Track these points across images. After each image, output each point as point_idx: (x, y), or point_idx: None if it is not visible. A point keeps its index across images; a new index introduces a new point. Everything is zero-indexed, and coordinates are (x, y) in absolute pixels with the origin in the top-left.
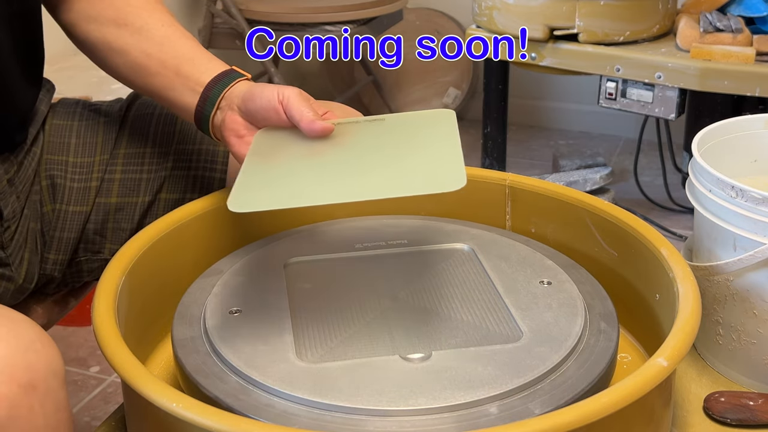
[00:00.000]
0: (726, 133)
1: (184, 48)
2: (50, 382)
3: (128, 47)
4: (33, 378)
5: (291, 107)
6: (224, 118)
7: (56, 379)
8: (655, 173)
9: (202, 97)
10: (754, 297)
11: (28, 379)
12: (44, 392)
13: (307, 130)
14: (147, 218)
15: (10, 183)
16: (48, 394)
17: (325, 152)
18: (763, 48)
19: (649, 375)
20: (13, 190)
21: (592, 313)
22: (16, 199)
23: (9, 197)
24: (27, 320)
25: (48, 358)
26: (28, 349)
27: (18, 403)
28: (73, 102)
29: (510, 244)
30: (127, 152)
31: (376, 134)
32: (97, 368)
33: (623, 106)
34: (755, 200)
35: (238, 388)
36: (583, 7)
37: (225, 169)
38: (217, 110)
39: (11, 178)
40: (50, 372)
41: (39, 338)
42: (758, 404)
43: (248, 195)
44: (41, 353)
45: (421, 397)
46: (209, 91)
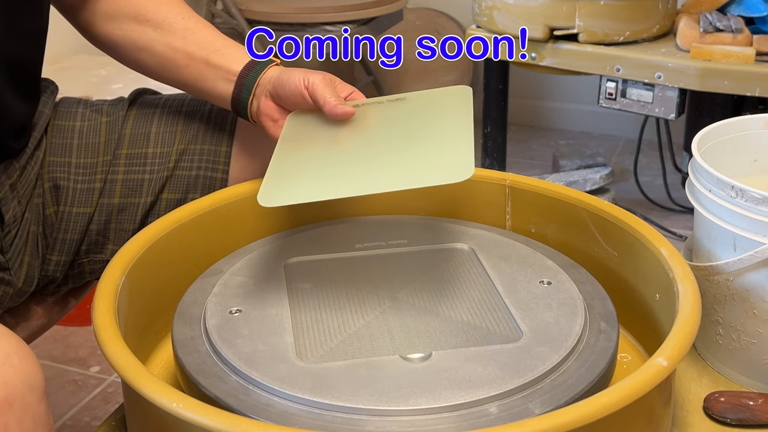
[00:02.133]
0: (726, 133)
1: (209, 38)
2: (27, 398)
3: (153, 43)
4: (9, 394)
5: (316, 93)
6: (259, 105)
7: (34, 394)
8: (655, 173)
9: (237, 85)
10: (754, 297)
11: (3, 395)
12: (21, 408)
13: (330, 114)
14: (149, 218)
15: (12, 188)
16: (25, 410)
17: (347, 140)
18: (763, 48)
19: (649, 375)
20: (15, 195)
21: (592, 313)
22: (18, 204)
23: (10, 202)
24: (4, 332)
25: (25, 373)
26: (4, 363)
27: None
28: (74, 102)
29: (510, 244)
30: (130, 152)
31: (395, 117)
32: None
33: (623, 106)
34: (755, 200)
35: (238, 388)
36: (583, 7)
37: (227, 169)
38: (254, 97)
39: (13, 183)
40: (27, 387)
41: (16, 351)
42: (758, 404)
43: (276, 190)
44: (17, 367)
45: (421, 397)
46: (243, 79)
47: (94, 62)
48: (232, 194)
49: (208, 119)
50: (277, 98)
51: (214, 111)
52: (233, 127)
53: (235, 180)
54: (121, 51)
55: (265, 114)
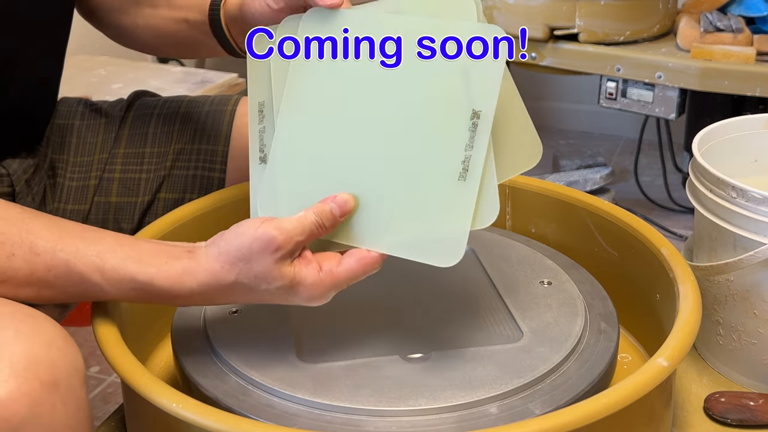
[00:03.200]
0: (726, 133)
1: None
2: (72, 381)
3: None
4: (56, 376)
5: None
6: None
7: (78, 378)
8: (655, 173)
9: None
10: (754, 297)
11: (50, 376)
12: (66, 390)
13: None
14: (147, 218)
15: (27, 184)
16: (70, 392)
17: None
18: (764, 48)
19: (649, 375)
20: (30, 191)
21: (592, 313)
22: (32, 200)
23: (26, 198)
24: (48, 318)
25: (70, 356)
26: (51, 346)
27: (40, 401)
28: (74, 101)
29: (510, 244)
30: (127, 152)
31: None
32: (97, 368)
33: (623, 106)
34: (755, 200)
35: (238, 388)
36: (583, 7)
37: (224, 168)
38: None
39: (29, 179)
40: (73, 370)
41: (61, 336)
42: (758, 404)
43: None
44: (63, 351)
45: (421, 397)
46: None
47: (94, 62)
48: (232, 194)
49: (206, 119)
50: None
51: (211, 111)
52: (230, 127)
53: (232, 180)
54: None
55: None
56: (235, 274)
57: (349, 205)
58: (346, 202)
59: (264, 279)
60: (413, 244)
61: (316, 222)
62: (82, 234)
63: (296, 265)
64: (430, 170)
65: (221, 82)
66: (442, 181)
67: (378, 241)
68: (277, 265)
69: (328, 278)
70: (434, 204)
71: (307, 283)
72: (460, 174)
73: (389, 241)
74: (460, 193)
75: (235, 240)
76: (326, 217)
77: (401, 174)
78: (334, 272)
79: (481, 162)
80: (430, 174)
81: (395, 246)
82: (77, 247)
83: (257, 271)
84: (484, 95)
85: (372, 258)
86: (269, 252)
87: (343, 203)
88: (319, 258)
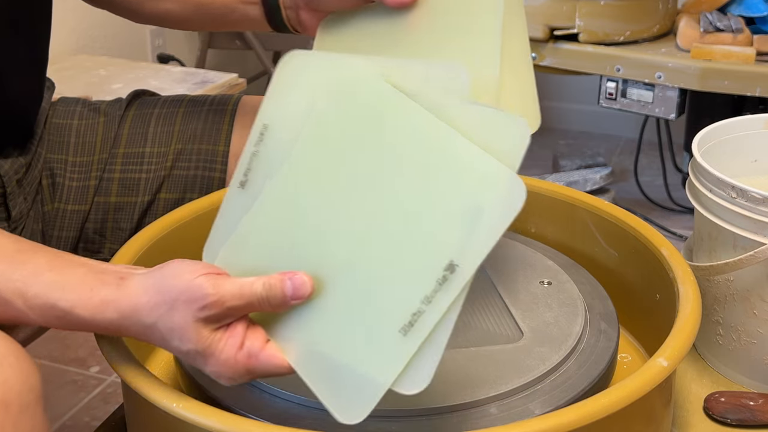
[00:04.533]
0: (726, 133)
1: None
2: (25, 399)
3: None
4: (6, 395)
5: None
6: (300, 20)
7: (32, 395)
8: (655, 173)
9: (264, 6)
10: (754, 297)
11: (0, 395)
12: (18, 410)
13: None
14: (146, 218)
15: (19, 184)
16: (23, 411)
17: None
18: (764, 48)
19: (649, 375)
20: (21, 191)
21: (592, 313)
22: (24, 200)
23: (17, 198)
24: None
25: (24, 373)
26: (2, 363)
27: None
28: (73, 101)
29: (510, 244)
30: (126, 152)
31: None
32: (97, 368)
33: (623, 106)
34: (755, 200)
35: (238, 388)
36: (584, 7)
37: (224, 168)
38: (286, 10)
39: (20, 179)
40: (26, 388)
41: (12, 352)
42: (758, 404)
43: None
44: (16, 368)
45: (421, 397)
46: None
47: (94, 62)
48: None
49: (206, 119)
50: (316, 6)
51: (212, 111)
52: (231, 127)
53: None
54: (145, 8)
55: (310, 27)
56: (154, 318)
57: (304, 290)
58: (303, 286)
59: (178, 335)
60: (321, 375)
61: (260, 296)
62: (13, 255)
63: (218, 333)
64: (380, 305)
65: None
66: (382, 325)
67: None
68: (196, 325)
69: (243, 361)
70: (364, 348)
71: (220, 358)
72: (404, 327)
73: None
74: (392, 348)
75: (169, 279)
76: (275, 294)
77: (347, 293)
78: (252, 357)
79: (432, 324)
80: (375, 309)
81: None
82: (2, 270)
83: (175, 323)
84: (470, 251)
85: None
86: (195, 308)
87: (300, 286)
88: (249, 334)
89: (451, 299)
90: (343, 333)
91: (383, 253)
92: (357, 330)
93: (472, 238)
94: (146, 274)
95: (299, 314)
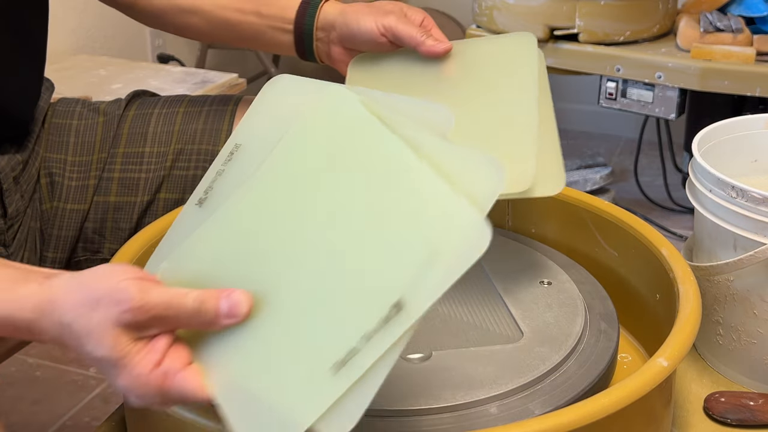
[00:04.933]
0: (726, 133)
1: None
2: None
3: (199, 3)
4: None
5: (400, 35)
6: (330, 53)
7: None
8: (655, 173)
9: (296, 34)
10: (754, 297)
11: None
12: None
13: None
14: (146, 218)
15: (15, 181)
16: None
17: None
18: (764, 48)
19: (649, 375)
20: (18, 188)
21: (592, 313)
22: (20, 197)
23: (14, 195)
24: None
25: None
26: None
27: None
28: (72, 101)
29: (510, 244)
30: (126, 151)
31: None
32: None
33: (623, 106)
34: (755, 200)
35: None
36: (584, 7)
37: None
38: (317, 42)
39: (17, 176)
40: None
41: None
42: (758, 404)
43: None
44: None
45: (421, 397)
46: (301, 26)
47: (94, 62)
48: None
49: (206, 119)
50: (349, 45)
51: (211, 111)
52: (231, 127)
53: None
54: (167, 18)
55: (340, 61)
56: (73, 316)
57: (239, 309)
58: (239, 305)
59: (94, 339)
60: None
61: (190, 310)
62: None
63: (137, 344)
64: (315, 337)
65: (221, 82)
66: (314, 359)
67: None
68: (114, 331)
69: (156, 381)
70: (292, 381)
71: (132, 372)
72: (336, 364)
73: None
74: (320, 386)
75: (96, 280)
76: (207, 310)
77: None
78: (168, 378)
79: (367, 365)
80: (312, 341)
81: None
82: None
83: (93, 325)
84: (421, 291)
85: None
86: (116, 311)
87: (236, 304)
88: (170, 352)
89: (392, 340)
90: (271, 365)
91: (329, 283)
92: (287, 363)
93: (426, 280)
94: (75, 273)
95: (229, 337)
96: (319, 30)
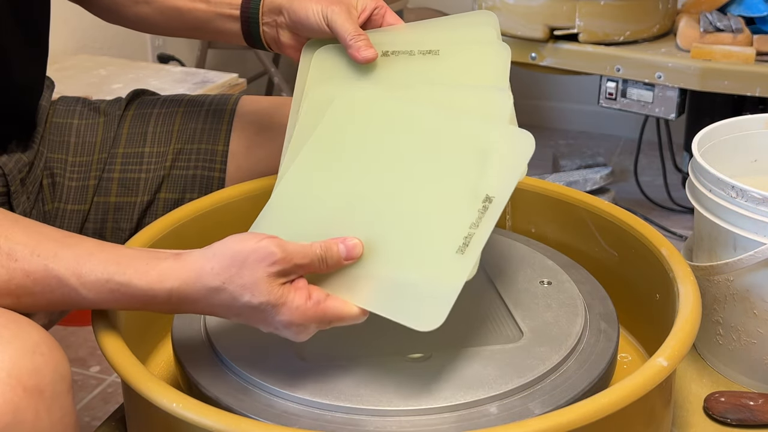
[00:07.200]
0: (726, 133)
1: None
2: (57, 387)
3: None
4: (40, 382)
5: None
6: (279, 39)
7: (63, 384)
8: (655, 173)
9: (243, 21)
10: (754, 297)
11: (34, 383)
12: (51, 397)
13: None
14: (146, 218)
15: (22, 183)
16: (55, 399)
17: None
18: (764, 48)
19: (649, 375)
20: (24, 190)
21: (592, 313)
22: (27, 199)
23: (21, 197)
24: (31, 323)
25: (55, 362)
26: (35, 351)
27: (23, 408)
28: (72, 100)
29: (510, 244)
30: (126, 151)
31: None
32: (97, 368)
33: (623, 106)
34: (755, 200)
35: (238, 388)
36: (583, 7)
37: (224, 168)
38: (264, 26)
39: (24, 178)
40: (58, 376)
41: (45, 341)
42: (758, 404)
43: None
44: (48, 356)
45: (421, 397)
46: (247, 11)
47: (94, 62)
48: (233, 194)
49: (205, 119)
50: (297, 31)
51: (211, 111)
52: (230, 127)
53: (232, 180)
54: (121, 10)
55: (290, 47)
56: (222, 279)
57: (356, 251)
58: (355, 248)
59: (250, 290)
60: (395, 304)
61: (320, 256)
62: (61, 239)
63: (287, 287)
64: (431, 237)
65: (221, 82)
66: (441, 251)
67: (361, 295)
68: (268, 279)
69: (314, 308)
70: (428, 270)
71: (292, 305)
72: (459, 248)
73: (372, 298)
74: (454, 266)
75: (234, 245)
76: (332, 255)
77: (402, 236)
78: (321, 305)
79: (483, 242)
80: (430, 241)
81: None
82: (55, 251)
83: (246, 280)
84: (501, 184)
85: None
86: (265, 264)
87: (352, 248)
88: (310, 287)
89: (493, 223)
90: (402, 265)
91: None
92: (416, 259)
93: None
94: (203, 249)
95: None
96: (266, 14)
